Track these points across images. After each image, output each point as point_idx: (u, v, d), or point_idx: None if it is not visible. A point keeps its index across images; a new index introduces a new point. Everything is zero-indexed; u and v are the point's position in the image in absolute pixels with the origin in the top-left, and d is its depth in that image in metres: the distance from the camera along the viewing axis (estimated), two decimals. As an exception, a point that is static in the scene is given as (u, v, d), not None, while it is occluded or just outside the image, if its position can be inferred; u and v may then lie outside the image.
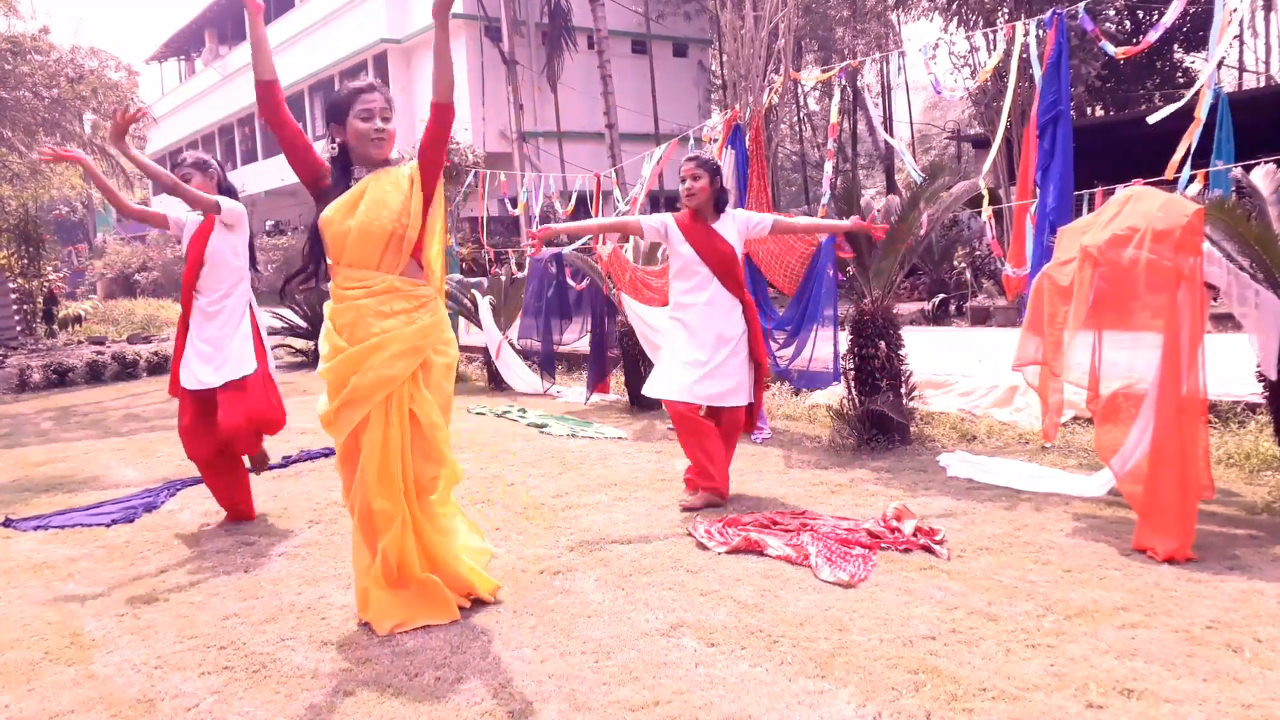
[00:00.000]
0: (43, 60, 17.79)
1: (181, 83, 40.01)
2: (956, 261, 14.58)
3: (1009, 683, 2.54)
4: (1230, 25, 4.96)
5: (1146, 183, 4.35)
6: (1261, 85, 20.85)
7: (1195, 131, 4.95)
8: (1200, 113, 4.94)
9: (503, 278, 9.97)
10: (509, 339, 9.32)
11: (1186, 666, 2.58)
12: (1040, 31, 5.76)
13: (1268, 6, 21.23)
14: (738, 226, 4.58)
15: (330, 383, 3.20)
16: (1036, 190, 5.64)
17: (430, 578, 3.21)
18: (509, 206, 16.92)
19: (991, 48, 14.50)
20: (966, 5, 14.57)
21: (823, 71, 12.07)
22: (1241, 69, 22.38)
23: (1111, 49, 5.54)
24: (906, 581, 3.34)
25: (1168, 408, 3.53)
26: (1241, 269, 4.01)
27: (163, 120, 33.10)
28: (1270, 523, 3.83)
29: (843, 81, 7.62)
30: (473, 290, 9.48)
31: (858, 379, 5.60)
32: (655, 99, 25.04)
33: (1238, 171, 4.86)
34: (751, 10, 6.84)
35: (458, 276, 10.07)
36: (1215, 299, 4.04)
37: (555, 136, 23.64)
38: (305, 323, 12.48)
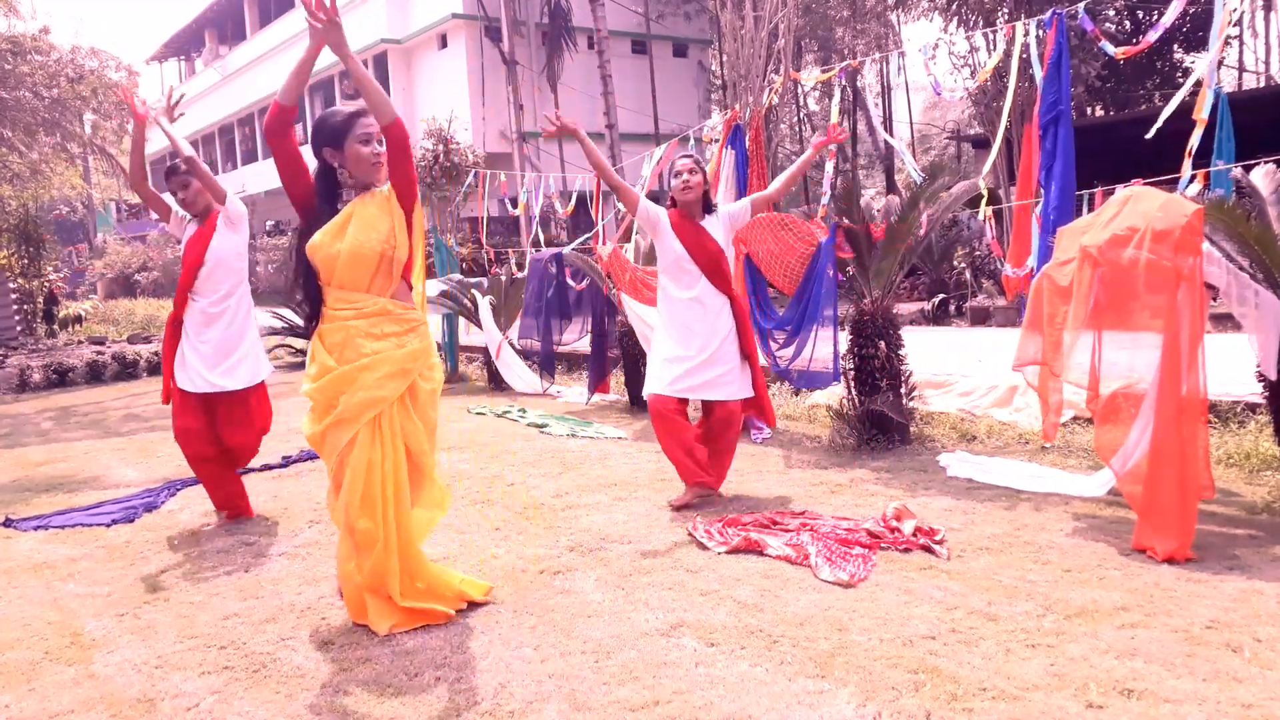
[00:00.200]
0: (43, 60, 17.81)
1: (181, 83, 40.00)
2: (956, 261, 14.58)
3: (1009, 683, 2.54)
4: (1227, 27, 4.96)
5: (1146, 183, 4.34)
6: (1261, 85, 20.86)
7: (1198, 132, 4.95)
8: (1201, 113, 4.94)
9: (503, 278, 9.96)
10: (509, 339, 9.32)
11: (1186, 666, 2.58)
12: (1040, 31, 5.76)
13: (1268, 6, 21.24)
14: (724, 225, 4.64)
15: (318, 402, 3.18)
16: (1041, 190, 5.64)
17: (412, 605, 3.17)
18: (509, 206, 16.91)
19: (991, 48, 14.49)
20: (966, 5, 14.56)
21: (823, 71, 12.08)
22: (1241, 69, 22.38)
23: (1111, 49, 5.53)
24: (906, 581, 3.34)
25: (1168, 408, 3.53)
26: (1241, 269, 4.01)
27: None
28: (1270, 523, 3.83)
29: (843, 81, 7.62)
30: (473, 290, 9.48)
31: (858, 379, 5.60)
32: (655, 99, 25.03)
33: (1238, 171, 4.86)
34: (751, 10, 6.84)
35: (458, 276, 10.06)
36: (1215, 299, 4.04)
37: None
38: (305, 323, 12.47)
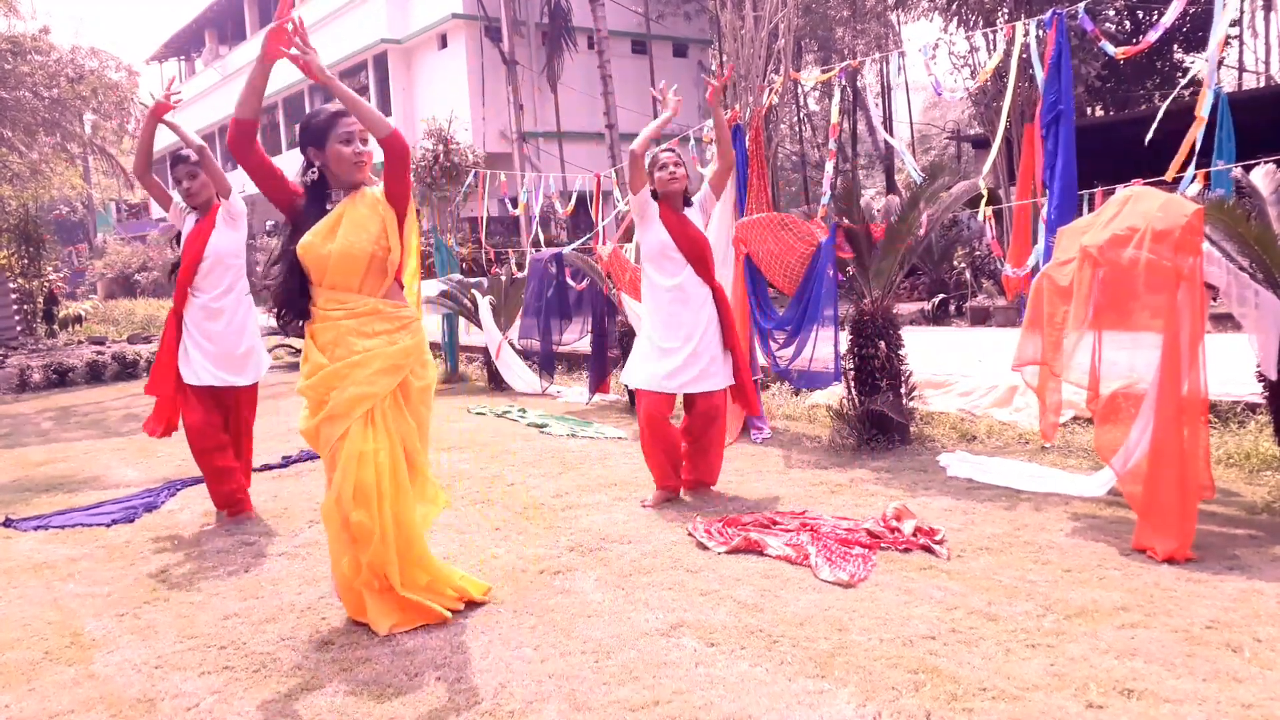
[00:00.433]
0: (43, 60, 17.82)
1: (181, 83, 40.01)
2: (956, 261, 14.58)
3: (1009, 683, 2.54)
4: (1226, 27, 4.95)
5: (1146, 183, 4.34)
6: (1261, 85, 20.85)
7: (1198, 131, 4.95)
8: (1201, 111, 4.94)
9: (503, 278, 9.96)
10: (509, 339, 9.32)
11: (1186, 666, 2.58)
12: (1040, 31, 5.76)
13: (1268, 6, 21.23)
14: (700, 213, 4.69)
15: (311, 400, 3.21)
16: (1046, 190, 5.65)
17: (412, 598, 3.18)
18: (509, 206, 16.92)
19: (991, 48, 14.49)
20: (966, 5, 14.56)
21: (823, 72, 12.07)
22: (1241, 69, 22.37)
23: (1111, 49, 5.53)
24: (906, 581, 3.34)
25: (1168, 407, 3.53)
26: (1241, 269, 4.01)
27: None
28: (1270, 523, 3.83)
29: (843, 81, 7.62)
30: (473, 290, 9.48)
31: (858, 379, 5.60)
32: (655, 99, 25.00)
33: (1238, 171, 4.86)
34: (751, 10, 6.83)
35: (458, 276, 10.06)
36: (1215, 299, 4.04)
37: (555, 136, 23.63)
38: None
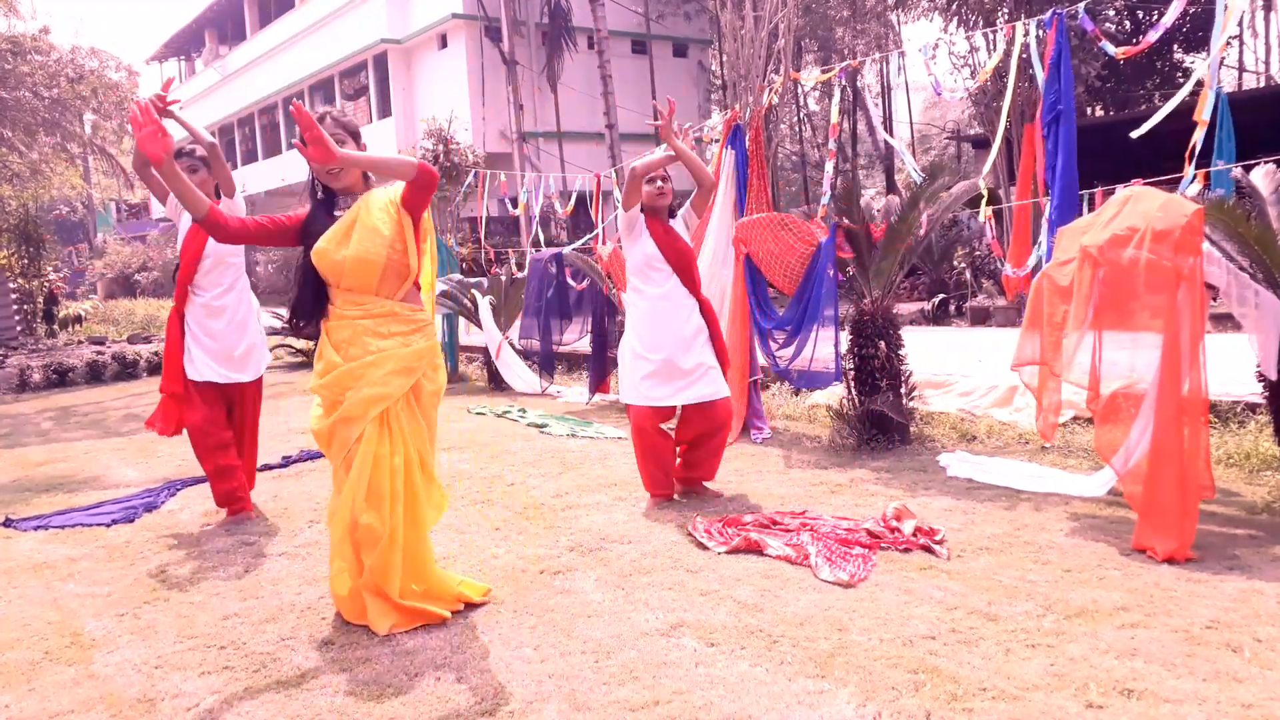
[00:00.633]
0: (43, 60, 17.82)
1: (181, 83, 39.98)
2: (956, 261, 14.59)
3: (1009, 683, 2.54)
4: (1228, 26, 4.95)
5: (1146, 183, 4.35)
6: (1261, 85, 20.85)
7: (1200, 133, 4.96)
8: (1203, 115, 4.94)
9: (503, 278, 9.96)
10: (509, 339, 9.32)
11: (1186, 666, 2.58)
12: (1040, 31, 5.76)
13: (1268, 6, 21.23)
14: (682, 226, 4.68)
15: (325, 399, 3.22)
16: (1048, 190, 5.65)
17: (411, 605, 3.18)
18: (509, 206, 16.92)
19: (991, 48, 14.49)
20: (966, 5, 14.56)
21: (823, 72, 12.08)
22: (1241, 69, 22.37)
23: (1111, 49, 5.53)
24: (906, 581, 3.34)
25: (1168, 407, 3.53)
26: (1241, 269, 4.01)
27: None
28: (1270, 523, 3.83)
29: (843, 81, 7.62)
30: (473, 290, 9.48)
31: (858, 379, 5.60)
32: (655, 99, 25.01)
33: (1238, 171, 4.86)
34: (751, 10, 6.84)
35: (458, 276, 10.06)
36: (1215, 299, 4.05)
37: (555, 136, 23.63)
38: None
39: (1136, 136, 5.31)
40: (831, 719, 2.41)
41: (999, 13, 13.78)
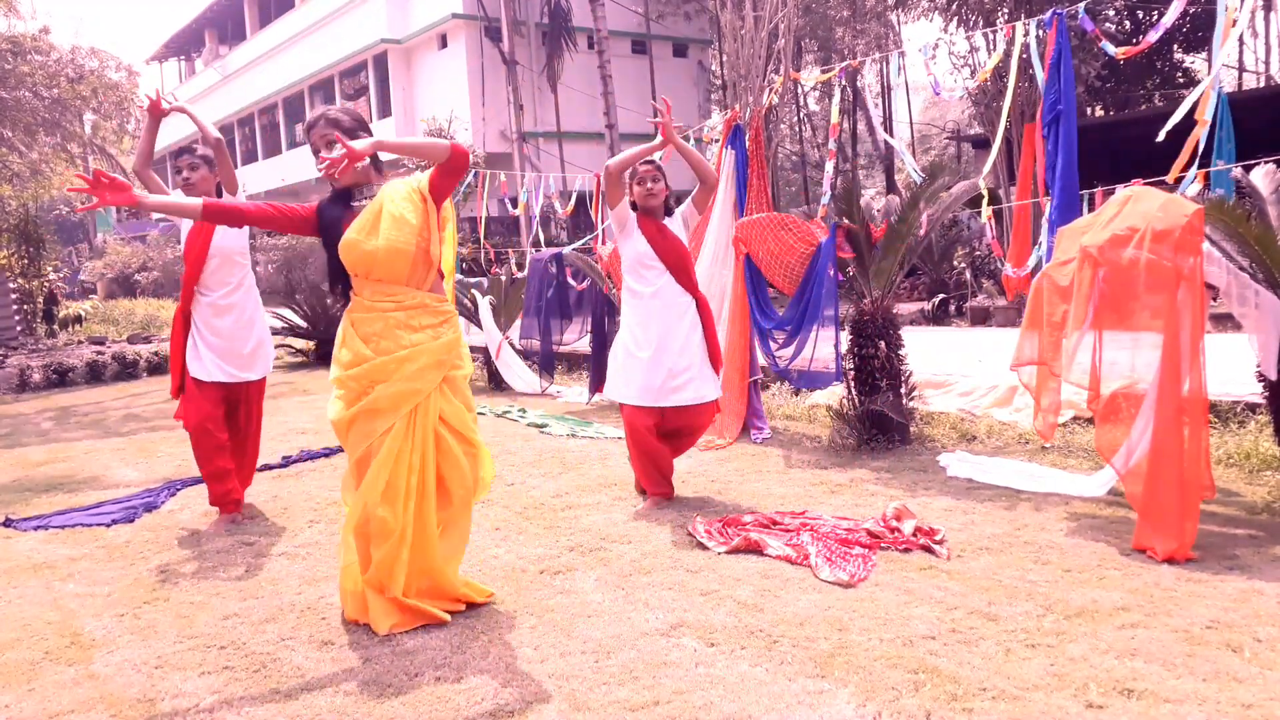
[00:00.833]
0: (43, 60, 17.82)
1: (181, 83, 40.02)
2: (956, 261, 14.59)
3: (1009, 683, 2.54)
4: (1234, 28, 4.95)
5: (1146, 183, 4.34)
6: (1261, 85, 20.86)
7: (1200, 134, 4.95)
8: (1204, 114, 4.94)
9: (503, 278, 9.97)
10: (509, 339, 9.32)
11: (1186, 666, 2.58)
12: (1040, 32, 5.76)
13: (1268, 6, 21.23)
14: (683, 226, 4.65)
15: (349, 391, 3.19)
16: (1049, 190, 5.65)
17: (413, 604, 3.18)
18: (509, 206, 16.93)
19: (991, 48, 14.49)
20: (966, 5, 14.56)
21: (823, 72, 12.07)
22: (1241, 69, 22.38)
23: (1111, 49, 5.54)
24: (906, 581, 3.34)
25: (1168, 408, 3.53)
26: (1241, 269, 4.01)
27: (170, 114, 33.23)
28: (1270, 523, 3.83)
29: (843, 81, 7.62)
30: (473, 290, 9.49)
31: (858, 379, 5.60)
32: (655, 99, 25.00)
33: (1238, 171, 4.86)
34: (751, 10, 6.83)
35: (457, 276, 10.06)
36: (1215, 299, 4.05)
37: (555, 136, 23.64)
38: (305, 323, 12.48)
39: (1160, 139, 5.29)
40: (831, 719, 2.41)
41: (999, 13, 13.79)
